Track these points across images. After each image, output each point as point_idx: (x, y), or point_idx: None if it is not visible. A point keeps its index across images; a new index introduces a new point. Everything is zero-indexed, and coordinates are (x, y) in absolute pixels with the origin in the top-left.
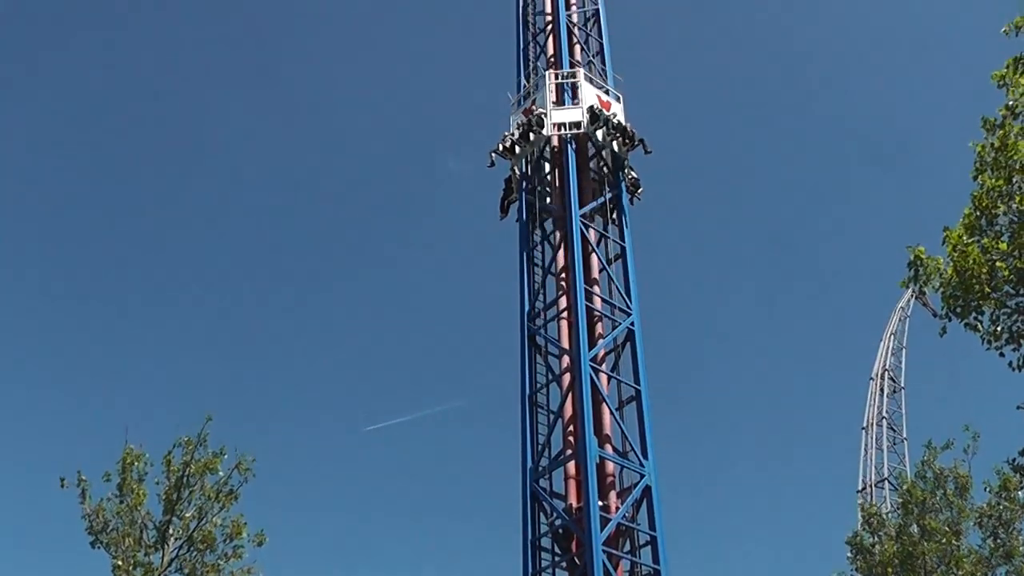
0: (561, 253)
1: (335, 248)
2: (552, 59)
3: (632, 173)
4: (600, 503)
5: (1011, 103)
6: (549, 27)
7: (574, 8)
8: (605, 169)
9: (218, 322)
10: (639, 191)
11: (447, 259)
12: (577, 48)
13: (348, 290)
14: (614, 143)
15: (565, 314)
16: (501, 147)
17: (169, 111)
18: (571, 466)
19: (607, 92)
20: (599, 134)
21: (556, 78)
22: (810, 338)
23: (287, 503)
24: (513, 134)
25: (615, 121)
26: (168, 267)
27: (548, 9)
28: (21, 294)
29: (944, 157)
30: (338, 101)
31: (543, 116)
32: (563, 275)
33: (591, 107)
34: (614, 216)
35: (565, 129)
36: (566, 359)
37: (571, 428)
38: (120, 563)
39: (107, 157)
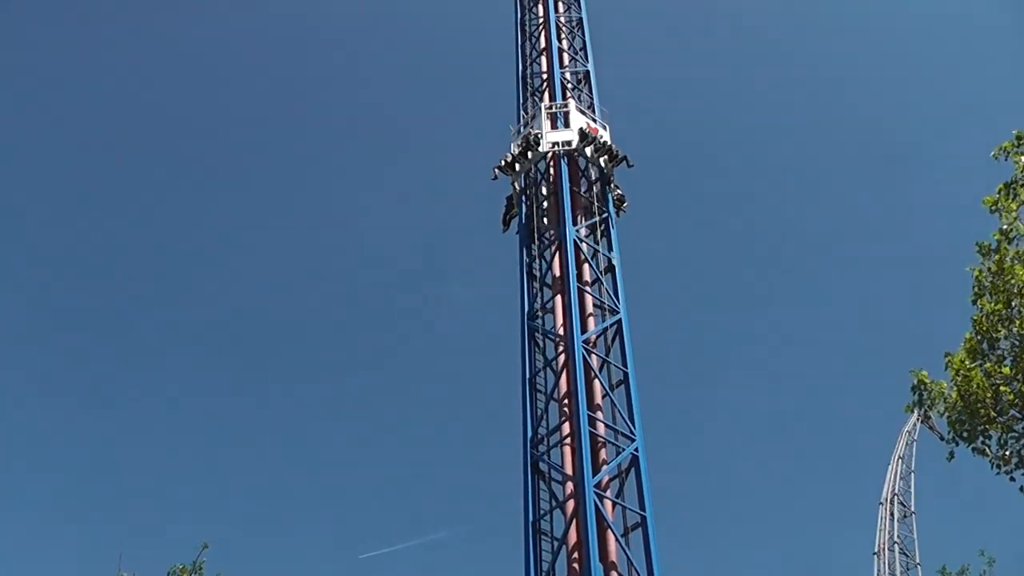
0: (564, 378)
1: (334, 372)
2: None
3: (618, 190)
4: None
5: (1005, 227)
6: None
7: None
8: (594, 187)
9: (212, 447)
10: (624, 205)
11: (447, 386)
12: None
13: (345, 416)
14: (601, 160)
15: (568, 440)
16: (503, 163)
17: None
18: None
19: (595, 120)
20: (588, 151)
21: (551, 108)
22: (816, 463)
23: None
24: (513, 152)
25: (602, 141)
26: (164, 392)
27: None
28: (9, 412)
29: (943, 278)
30: (341, 231)
31: (539, 136)
32: (566, 400)
33: (581, 129)
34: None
35: (559, 147)
36: (569, 485)
37: (576, 555)
38: None
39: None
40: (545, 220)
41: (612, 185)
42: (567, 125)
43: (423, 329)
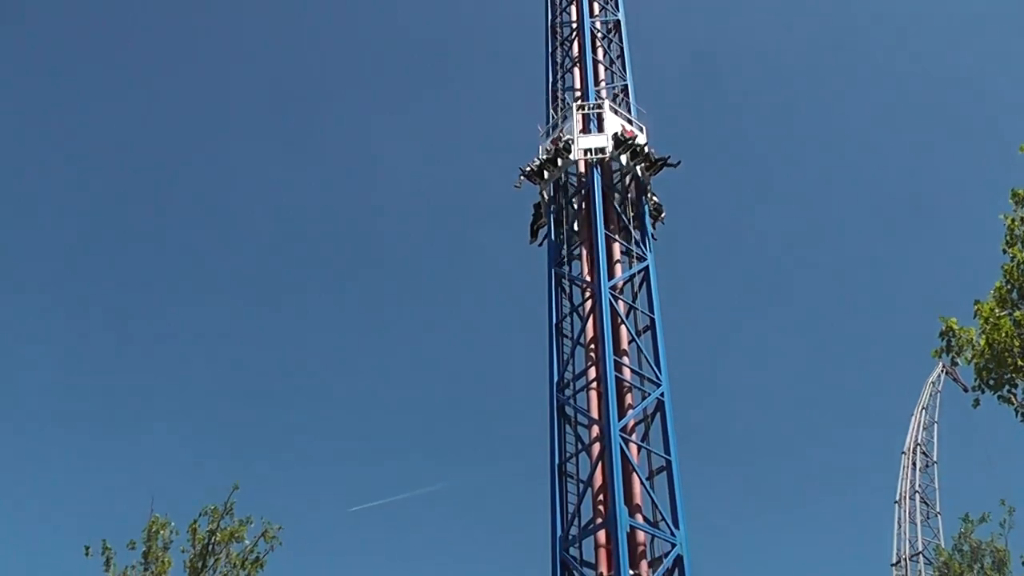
0: (590, 323)
1: (352, 323)
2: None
3: (655, 198)
4: (631, 572)
5: None
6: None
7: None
8: (629, 195)
9: (225, 397)
10: (662, 215)
11: (469, 333)
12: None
13: (363, 363)
14: (638, 168)
15: (595, 384)
16: (529, 169)
17: (203, 178)
18: (601, 535)
19: (631, 122)
20: (623, 159)
21: (582, 109)
22: (841, 412)
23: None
24: (542, 158)
25: (639, 146)
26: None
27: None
28: (47, 362)
29: (973, 226)
30: (371, 173)
31: (570, 142)
32: (592, 346)
33: (615, 134)
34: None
35: (591, 154)
36: (595, 429)
37: (601, 498)
38: None
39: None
40: (575, 226)
41: (649, 194)
42: (600, 128)
43: (449, 276)
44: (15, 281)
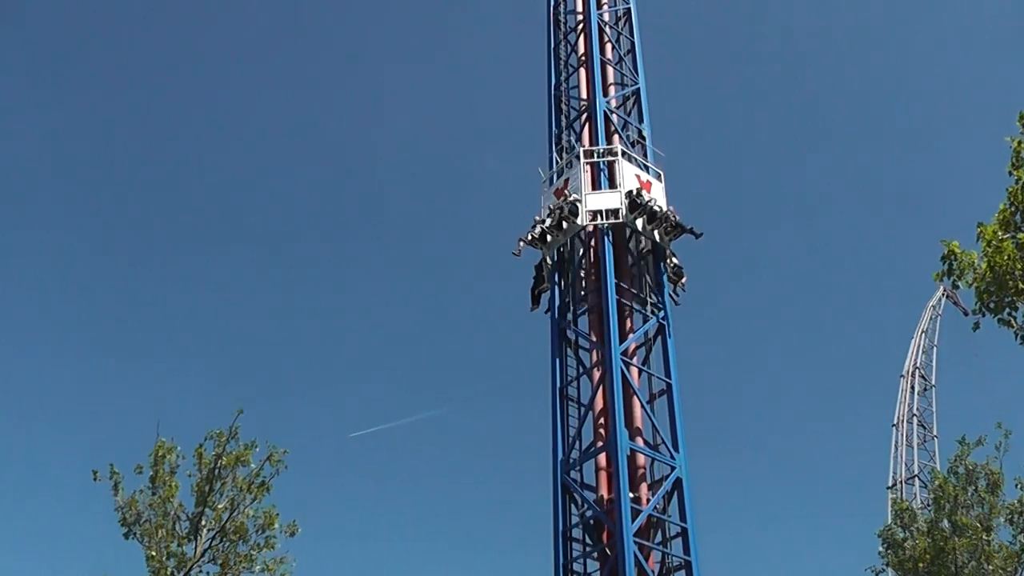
0: (592, 250)
1: (352, 251)
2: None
3: (674, 260)
4: (631, 495)
5: None
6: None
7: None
8: (644, 261)
9: (226, 324)
10: (682, 280)
11: (469, 257)
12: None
13: (364, 290)
14: (656, 232)
15: (595, 308)
16: (530, 236)
17: (212, 113)
18: (602, 458)
19: (647, 169)
20: (639, 223)
21: (591, 156)
22: (841, 335)
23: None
24: (544, 221)
25: (657, 209)
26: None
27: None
28: (55, 291)
29: (979, 151)
30: (376, 97)
31: (577, 203)
32: (593, 271)
33: (630, 192)
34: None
35: (602, 217)
36: (597, 352)
37: (602, 421)
38: (154, 554)
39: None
40: (583, 288)
41: (668, 257)
42: (612, 182)
43: (448, 198)
44: (34, 219)
